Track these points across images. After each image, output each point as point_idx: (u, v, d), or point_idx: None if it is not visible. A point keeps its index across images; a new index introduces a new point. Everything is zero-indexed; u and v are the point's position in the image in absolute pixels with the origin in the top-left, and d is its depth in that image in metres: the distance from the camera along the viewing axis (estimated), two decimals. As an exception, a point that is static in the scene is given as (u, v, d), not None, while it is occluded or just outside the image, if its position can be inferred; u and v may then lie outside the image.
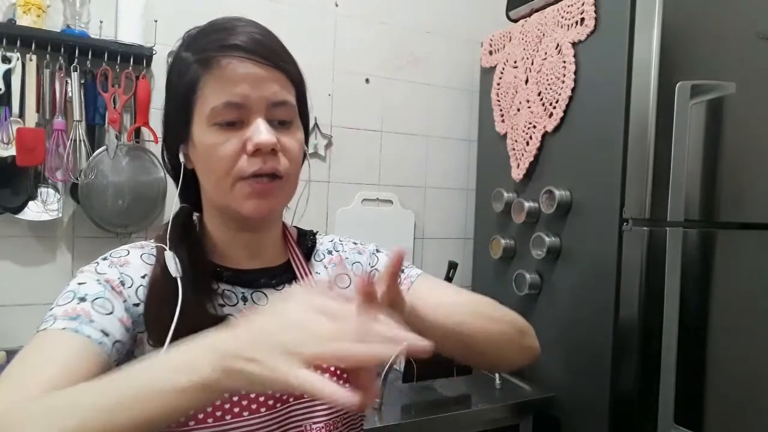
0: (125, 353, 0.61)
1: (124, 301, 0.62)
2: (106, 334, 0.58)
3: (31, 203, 1.34)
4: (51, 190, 1.36)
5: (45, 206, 1.35)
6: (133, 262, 0.66)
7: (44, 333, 0.57)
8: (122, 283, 0.63)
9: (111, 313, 0.60)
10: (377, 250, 0.84)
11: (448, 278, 1.60)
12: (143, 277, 0.65)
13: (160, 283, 0.63)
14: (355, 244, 0.84)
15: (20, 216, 1.33)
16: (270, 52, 0.64)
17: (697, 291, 1.33)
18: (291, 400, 0.66)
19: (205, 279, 0.67)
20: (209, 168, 0.65)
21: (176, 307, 0.61)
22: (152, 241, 0.70)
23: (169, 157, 0.72)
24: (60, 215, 1.37)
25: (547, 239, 1.45)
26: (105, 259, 0.66)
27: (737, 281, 1.38)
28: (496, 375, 1.47)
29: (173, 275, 0.63)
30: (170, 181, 1.39)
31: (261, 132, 0.62)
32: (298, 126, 0.68)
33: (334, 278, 0.77)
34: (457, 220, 1.97)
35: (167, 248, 0.65)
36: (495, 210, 1.68)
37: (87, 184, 1.35)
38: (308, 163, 0.74)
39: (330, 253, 0.81)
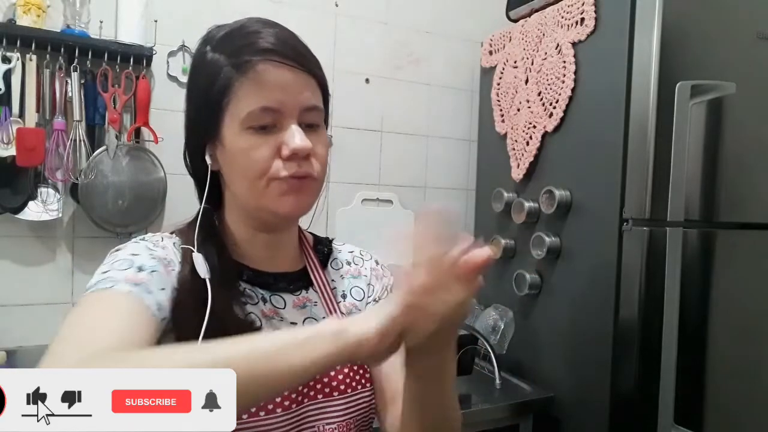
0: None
1: (171, 283, 0.62)
2: (160, 309, 0.58)
3: (31, 203, 1.34)
4: (51, 190, 1.36)
5: (45, 206, 1.35)
6: (169, 248, 0.66)
7: (106, 293, 0.56)
8: (168, 264, 0.63)
9: (164, 290, 0.60)
10: (391, 289, 0.81)
11: (448, 278, 1.60)
12: (180, 263, 0.65)
13: (189, 284, 0.63)
14: (377, 263, 0.83)
15: (20, 216, 1.33)
16: (302, 56, 0.65)
17: (697, 291, 1.33)
18: (306, 401, 0.66)
19: (232, 281, 0.67)
20: (242, 170, 0.65)
21: (206, 309, 0.60)
22: (173, 234, 0.69)
23: (191, 158, 0.71)
24: (60, 215, 1.37)
25: (547, 239, 1.45)
26: (144, 239, 0.66)
27: (737, 281, 1.38)
28: (496, 375, 1.47)
29: (202, 276, 0.63)
30: (170, 182, 1.42)
31: (297, 137, 0.63)
32: (324, 129, 0.69)
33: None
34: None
35: (195, 250, 0.65)
36: (495, 210, 1.67)
37: (87, 184, 1.35)
38: None
39: (349, 264, 0.80)
